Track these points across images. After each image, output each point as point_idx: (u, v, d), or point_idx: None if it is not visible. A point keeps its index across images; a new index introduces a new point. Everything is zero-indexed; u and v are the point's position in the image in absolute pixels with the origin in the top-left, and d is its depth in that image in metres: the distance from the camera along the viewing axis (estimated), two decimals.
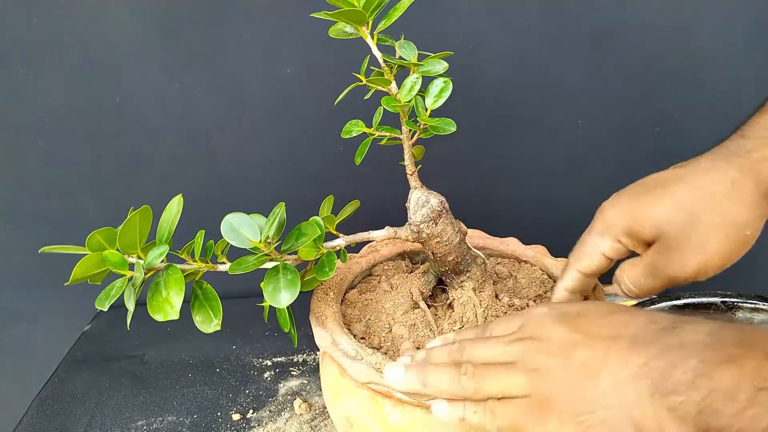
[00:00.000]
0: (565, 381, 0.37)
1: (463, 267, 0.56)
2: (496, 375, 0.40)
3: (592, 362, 0.37)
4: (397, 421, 0.47)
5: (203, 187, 0.91)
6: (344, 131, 0.53)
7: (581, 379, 0.37)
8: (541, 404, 0.38)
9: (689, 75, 0.85)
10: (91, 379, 0.80)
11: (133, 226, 0.44)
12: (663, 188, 0.45)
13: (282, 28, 0.82)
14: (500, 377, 0.40)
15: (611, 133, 0.90)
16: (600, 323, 0.39)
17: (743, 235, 0.43)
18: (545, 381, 0.38)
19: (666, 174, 0.47)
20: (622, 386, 0.35)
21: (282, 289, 0.45)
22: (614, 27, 0.83)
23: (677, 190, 0.44)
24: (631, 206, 0.46)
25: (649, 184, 0.47)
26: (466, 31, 0.83)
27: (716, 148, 0.46)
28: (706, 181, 0.44)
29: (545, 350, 0.39)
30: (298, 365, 0.81)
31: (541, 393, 0.38)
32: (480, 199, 0.93)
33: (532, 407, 0.38)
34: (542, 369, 0.39)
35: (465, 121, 0.53)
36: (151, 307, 0.43)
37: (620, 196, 0.48)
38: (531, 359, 0.39)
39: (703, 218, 0.43)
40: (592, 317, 0.40)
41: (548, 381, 0.38)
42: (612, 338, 0.37)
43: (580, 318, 0.40)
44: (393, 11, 0.50)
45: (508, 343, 0.42)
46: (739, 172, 0.43)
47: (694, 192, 0.44)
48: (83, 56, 0.82)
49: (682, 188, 0.44)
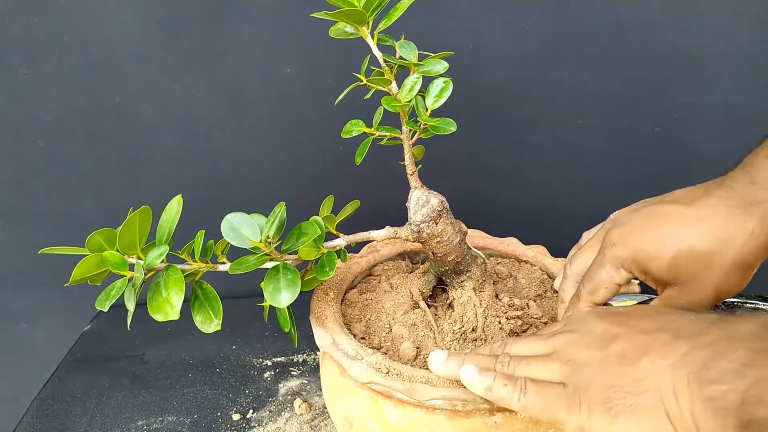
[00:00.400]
0: (600, 370, 0.38)
1: (463, 267, 0.56)
2: (531, 363, 0.41)
3: (630, 352, 0.37)
4: (397, 421, 0.47)
5: (203, 187, 0.91)
6: (344, 131, 0.53)
7: (616, 367, 0.37)
8: (573, 393, 0.38)
9: (689, 75, 0.85)
10: (91, 379, 0.80)
11: (133, 226, 0.44)
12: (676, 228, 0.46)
13: (282, 28, 0.82)
14: (535, 366, 0.41)
15: (611, 133, 0.90)
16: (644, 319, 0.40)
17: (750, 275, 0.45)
18: (580, 371, 0.39)
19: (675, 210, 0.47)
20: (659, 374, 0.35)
21: (282, 289, 0.45)
22: (614, 27, 0.82)
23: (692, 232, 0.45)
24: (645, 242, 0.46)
25: (658, 217, 0.47)
26: (466, 31, 0.83)
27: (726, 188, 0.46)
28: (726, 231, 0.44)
29: (584, 342, 0.40)
30: (298, 365, 0.81)
31: (575, 382, 0.39)
32: (480, 199, 0.93)
33: (563, 394, 0.39)
34: (579, 360, 0.39)
35: (465, 121, 0.53)
36: (151, 308, 0.43)
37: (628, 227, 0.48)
38: (568, 350, 0.40)
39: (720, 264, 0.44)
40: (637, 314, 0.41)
41: (583, 371, 0.39)
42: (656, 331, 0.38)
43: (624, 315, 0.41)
44: (393, 11, 0.50)
45: (547, 338, 0.43)
46: (757, 224, 0.43)
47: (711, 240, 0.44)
48: (83, 56, 0.82)
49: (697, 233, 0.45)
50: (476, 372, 0.43)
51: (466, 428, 0.46)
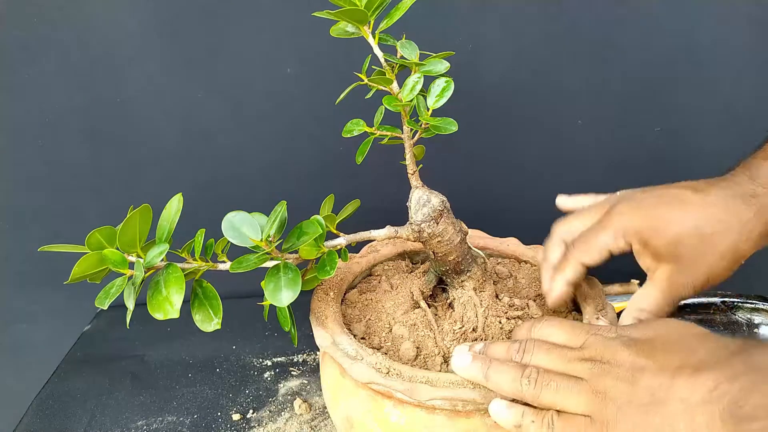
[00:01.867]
0: (630, 407, 0.38)
1: (463, 267, 0.56)
2: (559, 387, 0.41)
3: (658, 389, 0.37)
4: (397, 421, 0.47)
5: (203, 186, 0.90)
6: (345, 130, 0.53)
7: (647, 406, 0.37)
8: (602, 427, 0.38)
9: (690, 75, 0.85)
10: (91, 379, 0.80)
11: (133, 224, 0.44)
12: (684, 208, 0.49)
13: (282, 28, 0.82)
14: (563, 391, 0.40)
15: (611, 133, 0.90)
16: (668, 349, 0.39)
17: (740, 261, 0.49)
18: (610, 405, 0.38)
19: (685, 193, 0.50)
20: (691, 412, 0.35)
21: (283, 288, 0.45)
22: (614, 27, 0.83)
23: (698, 214, 0.49)
24: (653, 217, 0.50)
25: (668, 197, 0.51)
26: (467, 31, 0.83)
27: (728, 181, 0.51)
28: (726, 216, 0.48)
29: (613, 374, 0.40)
30: (298, 365, 0.81)
31: (605, 416, 0.38)
32: (480, 199, 0.93)
33: (591, 428, 0.38)
34: (608, 393, 0.39)
35: (466, 121, 0.53)
36: (151, 306, 0.43)
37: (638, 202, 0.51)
38: (598, 381, 0.40)
39: (718, 247, 0.48)
40: (661, 343, 0.40)
41: (613, 405, 0.38)
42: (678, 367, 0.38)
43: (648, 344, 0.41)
44: (395, 11, 0.50)
45: (574, 360, 0.42)
46: (753, 215, 0.48)
47: (714, 222, 0.48)
48: (83, 56, 0.82)
49: (703, 215, 0.49)
50: (505, 408, 0.42)
51: (466, 428, 0.46)
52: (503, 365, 0.44)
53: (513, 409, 0.42)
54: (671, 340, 0.41)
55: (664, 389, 0.37)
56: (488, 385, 0.44)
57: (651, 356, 0.39)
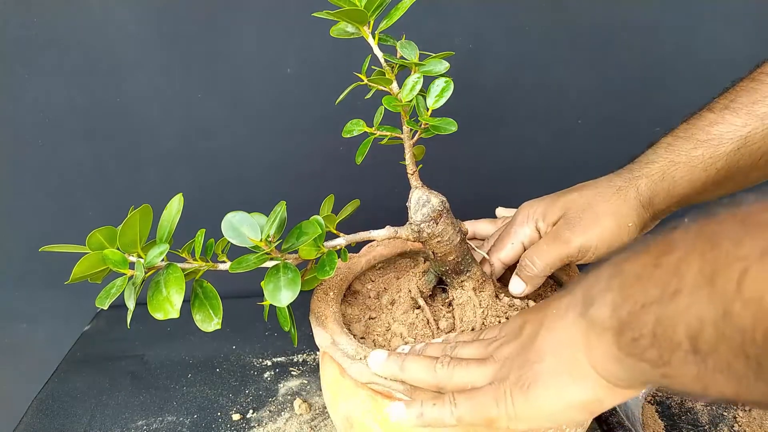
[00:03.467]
0: (515, 357, 0.42)
1: (463, 267, 0.56)
2: (469, 367, 0.44)
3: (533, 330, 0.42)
4: (397, 421, 0.47)
5: (203, 186, 0.91)
6: (345, 131, 0.53)
7: (526, 348, 0.41)
8: (498, 386, 0.41)
9: (690, 75, 0.85)
10: (91, 379, 0.80)
11: (134, 224, 0.44)
12: (570, 190, 0.59)
13: (282, 28, 0.82)
14: (472, 369, 0.43)
15: (611, 133, 0.90)
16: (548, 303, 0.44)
17: (626, 225, 0.55)
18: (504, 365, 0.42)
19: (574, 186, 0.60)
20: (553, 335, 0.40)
21: (282, 288, 0.45)
22: (614, 26, 0.83)
23: (580, 189, 0.59)
24: (547, 201, 0.59)
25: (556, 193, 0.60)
26: (467, 31, 0.83)
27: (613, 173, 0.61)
28: (602, 185, 0.58)
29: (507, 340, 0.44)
30: (298, 365, 0.81)
31: (500, 377, 0.41)
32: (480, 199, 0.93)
33: (491, 391, 0.41)
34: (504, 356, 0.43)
35: (466, 121, 0.53)
36: (151, 306, 0.43)
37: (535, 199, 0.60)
38: (498, 352, 0.44)
39: (597, 207, 0.56)
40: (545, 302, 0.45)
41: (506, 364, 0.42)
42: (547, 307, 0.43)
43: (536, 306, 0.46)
44: (394, 11, 0.50)
45: (487, 345, 0.45)
46: (624, 182, 0.57)
47: (592, 191, 0.57)
48: (83, 56, 0.82)
49: (583, 189, 0.58)
50: (403, 407, 0.44)
51: (466, 428, 0.46)
52: (418, 357, 0.46)
53: (411, 405, 0.44)
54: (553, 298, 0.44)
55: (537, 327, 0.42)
56: (404, 375, 0.46)
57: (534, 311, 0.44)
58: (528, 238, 0.58)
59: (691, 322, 0.28)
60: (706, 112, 0.58)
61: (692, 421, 0.66)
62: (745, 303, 0.25)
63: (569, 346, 0.38)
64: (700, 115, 0.58)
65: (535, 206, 0.59)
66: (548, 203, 0.58)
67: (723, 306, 0.26)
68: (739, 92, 0.56)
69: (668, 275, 0.30)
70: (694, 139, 0.56)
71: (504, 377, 0.41)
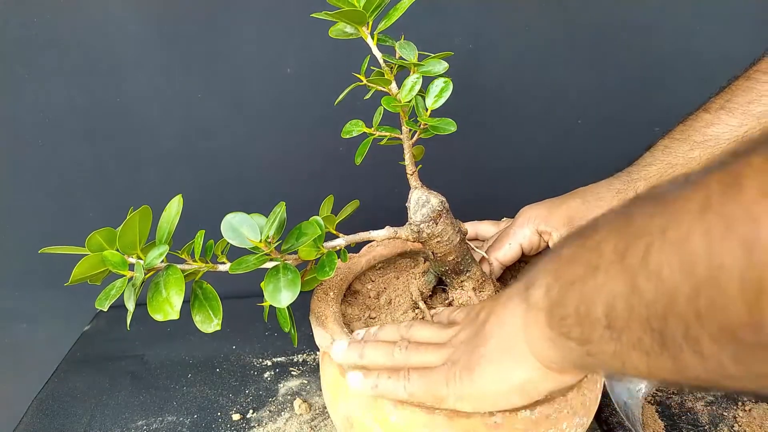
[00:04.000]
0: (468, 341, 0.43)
1: (463, 267, 0.56)
2: (426, 350, 0.45)
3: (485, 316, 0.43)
4: (397, 421, 0.47)
5: (203, 187, 0.91)
6: (344, 131, 0.53)
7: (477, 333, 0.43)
8: (451, 367, 0.42)
9: (689, 75, 0.85)
10: (91, 379, 0.80)
11: (133, 226, 0.44)
12: (572, 195, 0.60)
13: (282, 28, 0.82)
14: (428, 353, 0.45)
15: (611, 133, 0.90)
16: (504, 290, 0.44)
17: None
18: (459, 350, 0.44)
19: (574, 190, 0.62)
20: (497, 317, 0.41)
21: (282, 289, 0.45)
22: (614, 27, 0.83)
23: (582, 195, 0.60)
24: (549, 205, 0.60)
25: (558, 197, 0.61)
26: (466, 31, 0.83)
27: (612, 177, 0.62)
28: (602, 190, 0.60)
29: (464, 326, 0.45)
30: (298, 365, 0.81)
31: (453, 359, 0.43)
32: (480, 199, 0.93)
33: (442, 371, 0.43)
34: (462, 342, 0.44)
35: (465, 121, 0.53)
36: (151, 307, 0.43)
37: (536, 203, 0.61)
38: (456, 338, 0.45)
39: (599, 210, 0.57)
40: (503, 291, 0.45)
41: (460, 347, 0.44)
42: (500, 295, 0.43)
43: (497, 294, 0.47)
44: (393, 11, 0.50)
45: (444, 328, 0.47)
46: (623, 185, 0.59)
47: (592, 197, 0.59)
48: (83, 56, 0.82)
49: (585, 194, 0.60)
50: (360, 376, 0.46)
51: (466, 428, 0.46)
52: (378, 343, 0.48)
53: (368, 375, 0.46)
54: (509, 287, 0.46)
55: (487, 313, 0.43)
56: (364, 362, 0.47)
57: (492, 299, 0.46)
58: (527, 240, 0.59)
59: (607, 298, 0.29)
60: (702, 112, 0.58)
61: (692, 421, 0.66)
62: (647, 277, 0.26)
63: (511, 330, 0.40)
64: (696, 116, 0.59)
65: (537, 210, 0.60)
66: (550, 208, 0.59)
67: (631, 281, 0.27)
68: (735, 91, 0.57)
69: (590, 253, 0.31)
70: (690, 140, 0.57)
71: (456, 360, 0.43)
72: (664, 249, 0.26)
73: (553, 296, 0.35)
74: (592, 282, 0.30)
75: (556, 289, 0.35)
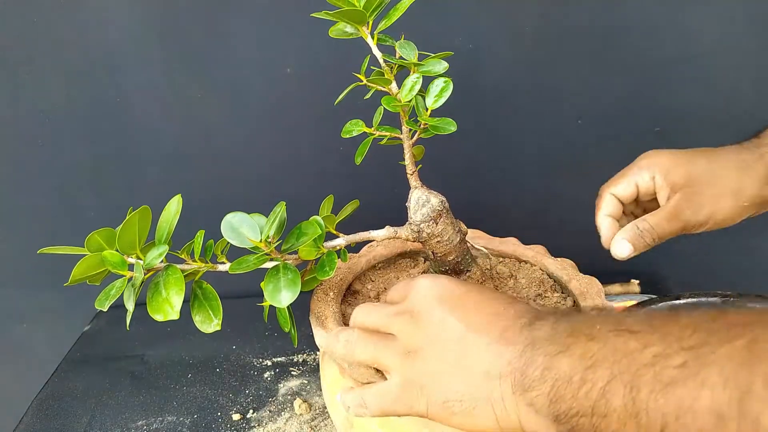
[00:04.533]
0: (439, 368, 0.40)
1: (463, 267, 0.56)
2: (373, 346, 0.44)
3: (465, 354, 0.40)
4: (397, 421, 0.47)
5: (203, 187, 0.90)
6: (344, 131, 0.53)
7: (454, 369, 0.40)
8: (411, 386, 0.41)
9: (689, 75, 0.85)
10: (91, 379, 0.80)
11: (132, 226, 0.44)
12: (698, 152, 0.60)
13: (282, 28, 0.82)
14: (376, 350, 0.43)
15: (611, 133, 0.90)
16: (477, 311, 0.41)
17: (742, 203, 0.57)
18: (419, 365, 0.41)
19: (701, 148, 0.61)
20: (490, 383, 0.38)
21: (282, 289, 0.45)
22: (614, 27, 0.82)
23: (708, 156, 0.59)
24: (674, 155, 0.60)
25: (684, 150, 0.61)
26: (467, 31, 0.83)
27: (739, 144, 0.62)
28: (731, 158, 0.59)
29: (424, 333, 0.42)
30: (298, 365, 0.81)
31: (414, 377, 0.41)
32: (480, 199, 0.93)
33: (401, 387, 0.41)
34: (419, 353, 0.41)
35: (465, 121, 0.53)
36: (150, 308, 0.43)
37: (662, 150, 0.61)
38: (409, 339, 0.42)
39: (719, 183, 0.57)
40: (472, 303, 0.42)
41: (423, 366, 0.41)
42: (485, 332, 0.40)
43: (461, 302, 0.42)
44: (393, 11, 0.50)
45: (392, 315, 0.44)
46: (753, 157, 0.58)
47: (721, 162, 0.59)
48: (83, 56, 0.82)
49: (712, 156, 0.59)
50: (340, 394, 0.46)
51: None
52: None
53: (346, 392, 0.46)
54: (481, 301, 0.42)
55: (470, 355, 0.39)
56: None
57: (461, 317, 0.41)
58: (645, 184, 0.60)
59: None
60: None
61: None
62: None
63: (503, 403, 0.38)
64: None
65: (660, 158, 0.60)
66: (674, 161, 0.60)
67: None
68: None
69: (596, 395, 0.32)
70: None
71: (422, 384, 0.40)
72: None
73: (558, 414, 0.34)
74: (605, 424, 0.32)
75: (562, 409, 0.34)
